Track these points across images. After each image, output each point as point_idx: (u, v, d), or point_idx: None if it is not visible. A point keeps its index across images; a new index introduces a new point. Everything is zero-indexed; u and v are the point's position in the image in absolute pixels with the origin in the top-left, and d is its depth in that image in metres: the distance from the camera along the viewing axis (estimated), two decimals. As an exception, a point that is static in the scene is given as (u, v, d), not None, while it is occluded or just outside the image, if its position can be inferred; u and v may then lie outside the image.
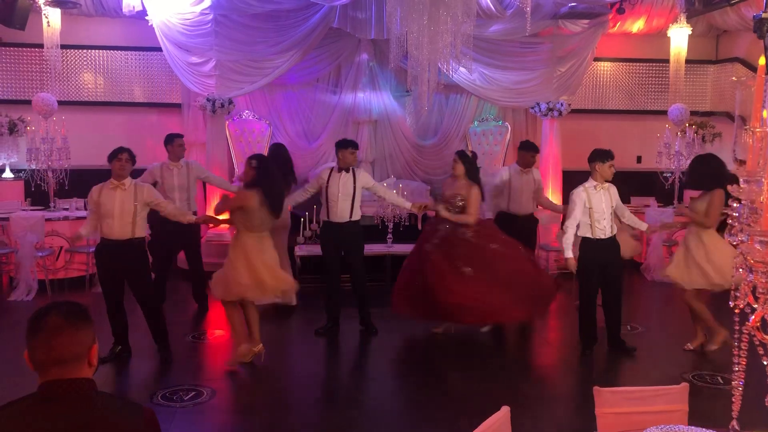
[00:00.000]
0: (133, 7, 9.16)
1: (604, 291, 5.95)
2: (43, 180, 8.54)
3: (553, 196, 9.73)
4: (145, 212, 5.68)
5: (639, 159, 11.23)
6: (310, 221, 8.29)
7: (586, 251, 5.82)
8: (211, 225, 7.19)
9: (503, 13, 8.99)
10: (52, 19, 8.50)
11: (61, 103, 9.07)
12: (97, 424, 1.85)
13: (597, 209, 5.77)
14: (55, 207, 8.50)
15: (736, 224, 1.99)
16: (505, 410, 2.61)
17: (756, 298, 1.97)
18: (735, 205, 2.00)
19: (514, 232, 7.35)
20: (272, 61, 9.34)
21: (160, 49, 9.30)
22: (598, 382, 3.18)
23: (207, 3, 8.87)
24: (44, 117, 8.65)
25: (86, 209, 8.32)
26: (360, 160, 6.64)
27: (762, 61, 2.00)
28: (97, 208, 5.55)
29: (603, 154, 5.87)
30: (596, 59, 10.74)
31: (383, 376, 5.60)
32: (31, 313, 1.93)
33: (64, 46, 8.98)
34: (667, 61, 10.17)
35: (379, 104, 10.65)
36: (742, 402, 2.33)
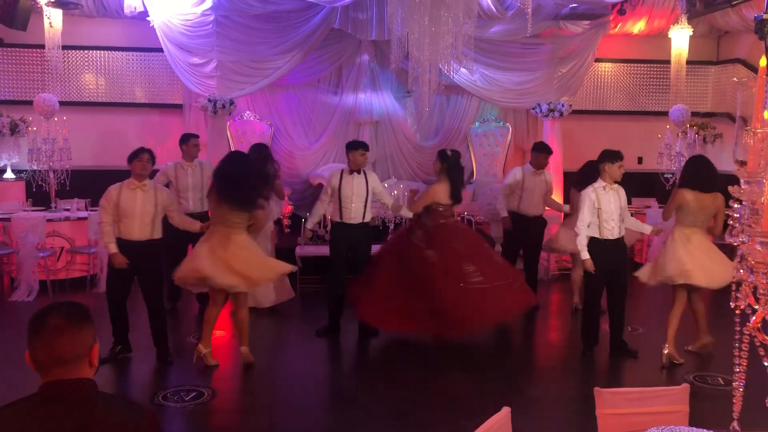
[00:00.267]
0: (135, 8, 9.17)
1: (609, 292, 5.93)
2: (45, 180, 8.56)
3: (554, 196, 9.71)
4: (162, 215, 5.69)
5: (640, 160, 11.23)
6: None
7: (593, 251, 5.80)
8: None
9: (504, 14, 8.99)
10: (54, 19, 8.51)
11: (62, 103, 9.09)
12: (98, 424, 1.85)
13: (606, 210, 5.78)
14: (56, 207, 8.51)
15: (736, 225, 2.00)
16: (505, 411, 2.62)
17: (757, 299, 1.97)
18: (736, 206, 2.00)
19: (523, 233, 7.37)
20: (273, 62, 9.35)
21: (161, 50, 9.31)
22: (598, 383, 3.18)
23: (208, 4, 8.88)
24: (45, 117, 8.67)
25: (87, 209, 8.45)
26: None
27: (763, 62, 2.00)
28: (116, 208, 5.50)
29: (612, 155, 5.87)
30: (597, 60, 10.74)
31: (383, 377, 5.59)
32: (32, 313, 1.93)
33: (65, 47, 8.98)
34: (668, 62, 10.18)
35: (380, 105, 10.66)
36: (743, 403, 2.33)
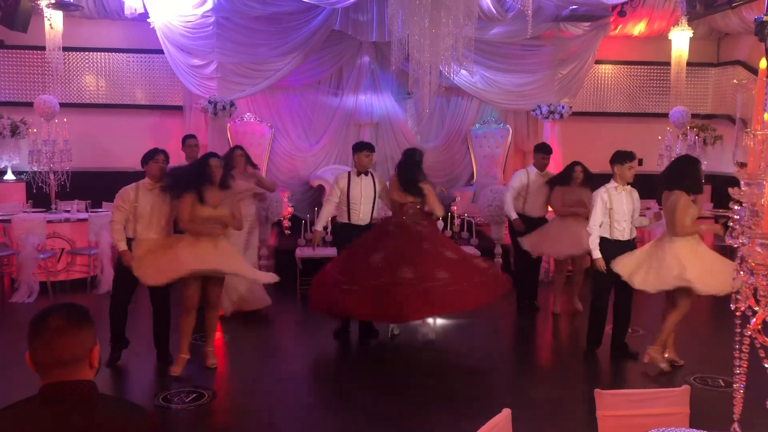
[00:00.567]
0: (135, 10, 9.18)
1: (616, 293, 5.91)
2: (45, 182, 8.56)
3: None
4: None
5: (640, 162, 11.19)
6: (311, 224, 8.28)
7: (603, 251, 5.81)
8: None
9: (504, 15, 9.00)
10: (54, 21, 8.53)
11: (62, 105, 9.10)
12: (99, 426, 1.85)
13: (618, 210, 5.79)
14: (56, 209, 8.51)
15: (737, 227, 2.00)
16: (506, 413, 2.61)
17: (757, 301, 1.97)
18: (736, 207, 2.00)
19: (524, 234, 7.34)
20: (274, 63, 9.36)
21: (161, 52, 9.32)
22: (599, 385, 3.18)
23: (209, 5, 8.89)
24: (46, 119, 8.68)
25: (87, 211, 8.45)
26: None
27: (763, 64, 2.00)
28: (133, 208, 5.47)
29: (622, 156, 5.88)
30: (597, 62, 10.75)
31: (383, 378, 5.59)
32: (32, 315, 1.92)
33: (66, 49, 9.00)
34: (668, 63, 10.19)
35: (381, 107, 10.67)
36: (744, 405, 2.33)
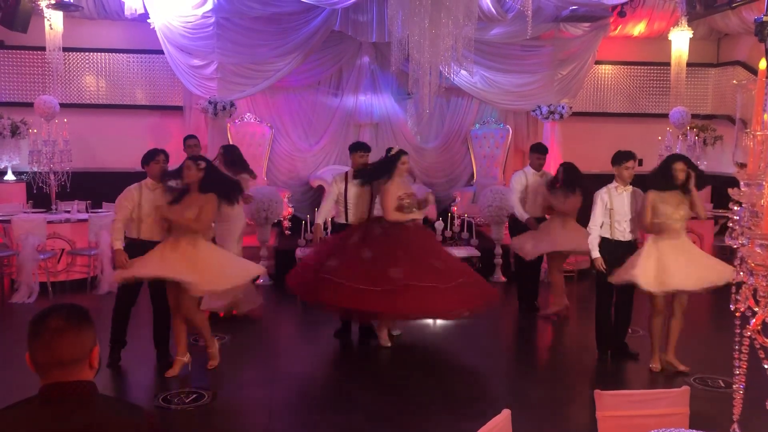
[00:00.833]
0: (135, 10, 9.18)
1: (617, 293, 5.91)
2: (45, 182, 8.56)
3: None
4: None
5: (640, 162, 11.14)
6: (311, 224, 8.28)
7: (603, 252, 5.82)
8: None
9: (504, 16, 9.00)
10: (54, 22, 8.53)
11: (62, 105, 9.09)
12: (99, 426, 1.85)
13: (618, 211, 5.81)
14: (56, 209, 8.51)
15: (736, 227, 2.00)
16: (506, 413, 2.61)
17: (757, 302, 1.97)
18: (736, 208, 2.00)
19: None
20: (274, 63, 9.36)
21: (161, 52, 9.32)
22: (599, 385, 3.18)
23: (209, 6, 8.89)
24: (46, 119, 8.68)
25: (88, 211, 8.44)
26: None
27: (763, 64, 2.00)
28: (138, 208, 5.46)
29: (618, 157, 5.92)
30: (597, 62, 10.75)
31: (383, 379, 5.59)
32: (32, 315, 1.92)
33: (66, 49, 8.99)
34: (668, 64, 10.18)
35: (381, 107, 10.66)
36: (744, 405, 2.33)
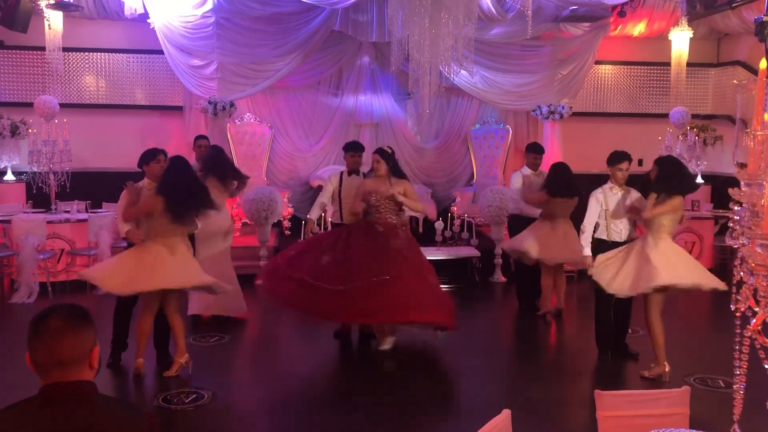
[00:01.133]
0: (135, 10, 9.18)
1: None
2: (45, 182, 8.56)
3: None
4: None
5: (640, 162, 11.18)
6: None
7: (599, 253, 5.81)
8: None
9: (504, 16, 9.00)
10: (54, 21, 8.52)
11: (62, 105, 9.09)
12: (98, 426, 1.85)
13: (613, 211, 5.82)
14: (56, 209, 8.51)
15: (737, 228, 1.99)
16: (506, 413, 2.61)
17: (757, 302, 1.97)
18: (736, 208, 2.00)
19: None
20: (274, 63, 9.36)
21: (161, 52, 9.32)
22: (599, 386, 3.18)
23: (209, 6, 8.89)
24: (46, 119, 8.68)
25: (87, 211, 8.44)
26: (362, 163, 6.61)
27: (763, 64, 2.00)
28: None
29: (612, 158, 5.95)
30: (597, 62, 10.75)
31: (383, 379, 5.59)
32: (32, 315, 1.92)
33: (65, 49, 8.99)
34: (668, 64, 10.19)
35: (381, 107, 10.67)
36: (744, 405, 2.33)
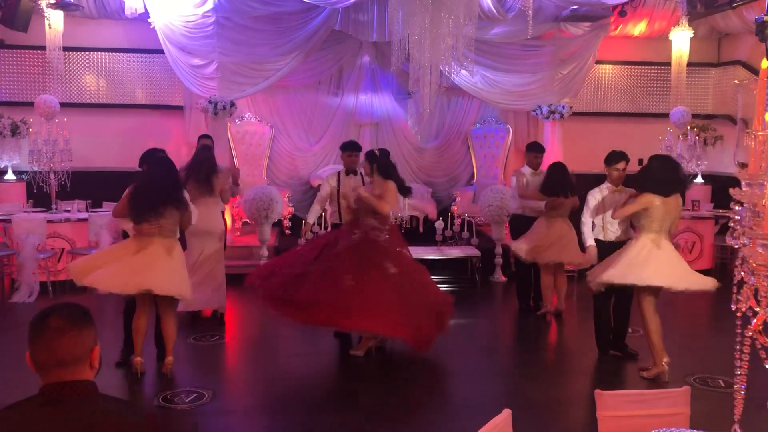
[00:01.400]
0: (135, 10, 9.18)
1: (615, 294, 5.89)
2: (45, 182, 8.55)
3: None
4: None
5: (641, 162, 11.17)
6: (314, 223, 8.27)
7: (598, 253, 5.81)
8: None
9: (505, 15, 8.99)
10: (55, 21, 8.52)
11: (63, 105, 9.08)
12: (99, 426, 1.85)
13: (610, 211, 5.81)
14: (56, 209, 8.50)
15: (737, 228, 1.99)
16: (506, 413, 2.61)
17: (758, 302, 1.97)
18: (737, 208, 2.00)
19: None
20: (274, 63, 9.35)
21: (162, 51, 9.31)
22: (599, 385, 3.18)
23: (209, 5, 8.88)
24: (46, 119, 8.67)
25: (88, 211, 8.44)
26: (361, 163, 6.59)
27: (764, 64, 2.00)
28: None
29: (608, 158, 5.96)
30: (598, 62, 10.74)
31: (383, 378, 5.59)
32: (32, 315, 1.93)
33: (66, 48, 8.98)
34: (668, 64, 10.18)
35: (381, 107, 10.67)
36: (744, 405, 2.33)
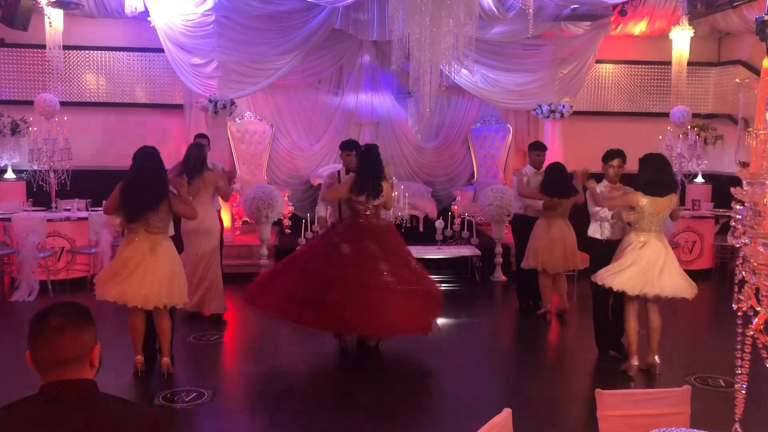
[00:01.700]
0: (136, 8, 9.17)
1: (615, 294, 5.89)
2: (45, 180, 8.55)
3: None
4: None
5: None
6: (311, 222, 8.28)
7: (597, 252, 5.81)
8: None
9: (505, 15, 8.99)
10: (55, 20, 8.52)
11: (63, 103, 9.08)
12: (99, 425, 1.85)
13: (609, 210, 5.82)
14: (56, 208, 8.50)
15: (739, 227, 1.99)
16: (506, 412, 2.61)
17: (759, 301, 1.97)
18: (738, 207, 2.00)
19: (527, 235, 7.32)
20: (274, 62, 9.35)
21: (162, 50, 9.31)
22: (599, 385, 3.18)
23: (209, 4, 8.88)
24: (46, 118, 8.66)
25: (88, 210, 8.44)
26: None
27: (766, 63, 2.00)
28: None
29: (604, 156, 5.96)
30: (598, 61, 10.74)
31: (384, 378, 5.59)
32: (32, 314, 1.92)
33: (66, 47, 8.99)
34: (669, 63, 10.18)
35: (381, 106, 10.66)
36: (745, 405, 2.32)
